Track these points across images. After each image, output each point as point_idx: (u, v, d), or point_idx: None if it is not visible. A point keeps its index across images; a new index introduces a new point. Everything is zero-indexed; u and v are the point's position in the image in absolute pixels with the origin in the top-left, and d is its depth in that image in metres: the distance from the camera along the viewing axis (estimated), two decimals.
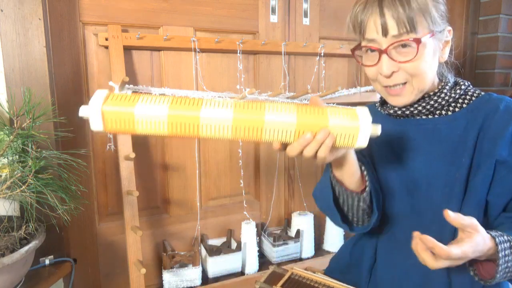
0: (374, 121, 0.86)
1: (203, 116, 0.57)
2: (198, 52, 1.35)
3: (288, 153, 0.62)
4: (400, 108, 0.79)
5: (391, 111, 0.81)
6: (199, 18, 1.37)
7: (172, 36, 1.28)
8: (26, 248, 0.87)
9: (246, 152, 1.54)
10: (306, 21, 1.57)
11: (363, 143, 0.61)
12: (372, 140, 0.84)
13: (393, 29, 0.69)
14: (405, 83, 0.73)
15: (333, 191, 0.76)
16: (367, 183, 0.73)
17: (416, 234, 0.59)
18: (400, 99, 0.75)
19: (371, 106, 0.91)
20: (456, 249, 0.55)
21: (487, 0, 1.87)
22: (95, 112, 0.56)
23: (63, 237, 1.19)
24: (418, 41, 0.68)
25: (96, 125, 0.57)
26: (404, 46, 0.70)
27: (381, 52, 0.71)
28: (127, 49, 1.27)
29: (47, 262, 1.14)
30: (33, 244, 0.89)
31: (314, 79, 1.61)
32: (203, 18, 1.38)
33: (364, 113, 0.61)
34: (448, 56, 0.77)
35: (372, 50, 0.73)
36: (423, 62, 0.71)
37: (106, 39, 1.20)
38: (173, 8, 1.33)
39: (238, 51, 1.41)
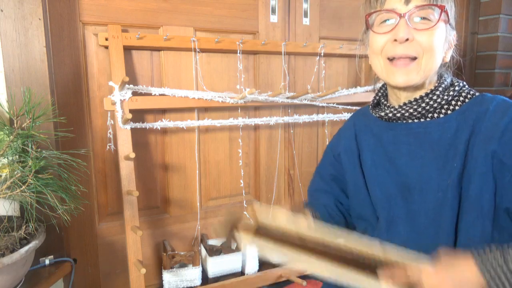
0: (367, 124, 0.87)
1: None
2: (198, 52, 1.35)
3: None
4: (391, 111, 0.78)
5: (382, 114, 0.80)
6: (199, 18, 1.37)
7: (172, 36, 1.28)
8: (26, 248, 0.87)
9: (246, 152, 1.54)
10: (306, 21, 1.57)
11: None
12: (366, 145, 0.84)
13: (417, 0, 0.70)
14: (414, 58, 0.72)
15: None
16: None
17: None
18: (404, 75, 0.73)
19: (365, 107, 0.91)
20: None
21: (487, 0, 1.87)
22: None
23: (63, 237, 1.19)
24: (442, 7, 0.69)
25: None
26: (423, 18, 0.70)
27: (400, 16, 0.70)
28: (127, 49, 1.27)
29: (47, 262, 1.14)
30: (33, 244, 0.90)
31: (314, 79, 1.61)
32: (203, 18, 1.38)
33: None
34: (451, 59, 0.78)
35: (388, 20, 0.72)
36: (438, 37, 0.71)
37: (106, 39, 1.20)
38: (173, 8, 1.33)
39: (238, 51, 1.41)
